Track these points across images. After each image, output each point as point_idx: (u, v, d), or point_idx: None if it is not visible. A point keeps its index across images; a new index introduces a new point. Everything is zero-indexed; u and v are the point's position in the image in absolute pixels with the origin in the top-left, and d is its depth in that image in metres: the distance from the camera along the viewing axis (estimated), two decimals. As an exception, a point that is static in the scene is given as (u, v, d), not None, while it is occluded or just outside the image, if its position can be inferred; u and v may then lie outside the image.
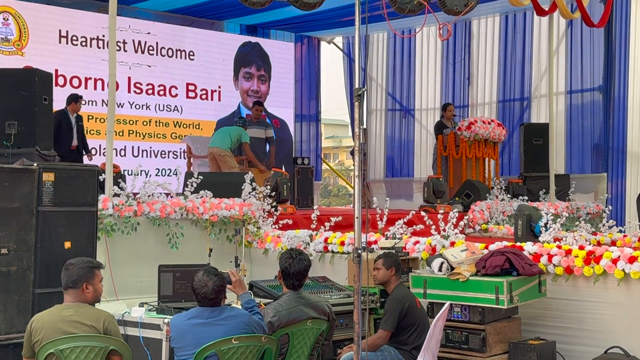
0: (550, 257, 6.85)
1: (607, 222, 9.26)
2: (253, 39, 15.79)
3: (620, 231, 9.22)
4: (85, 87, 13.11)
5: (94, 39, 13.22)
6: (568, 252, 6.79)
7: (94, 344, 4.56)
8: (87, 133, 11.81)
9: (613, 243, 8.61)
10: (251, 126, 12.37)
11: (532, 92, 14.78)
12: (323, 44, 17.55)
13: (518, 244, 7.35)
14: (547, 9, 11.40)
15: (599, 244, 8.33)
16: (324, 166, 19.57)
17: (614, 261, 6.46)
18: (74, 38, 13.06)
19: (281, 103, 16.15)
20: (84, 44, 13.14)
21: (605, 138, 13.54)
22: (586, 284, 6.63)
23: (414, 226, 8.38)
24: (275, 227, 9.08)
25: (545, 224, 8.09)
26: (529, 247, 7.08)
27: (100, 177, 7.26)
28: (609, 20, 13.04)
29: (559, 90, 13.95)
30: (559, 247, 6.94)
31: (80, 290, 4.69)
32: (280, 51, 16.21)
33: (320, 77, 17.65)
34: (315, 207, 9.49)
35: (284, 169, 12.01)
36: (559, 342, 6.60)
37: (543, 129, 12.81)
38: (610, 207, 11.89)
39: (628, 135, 13.24)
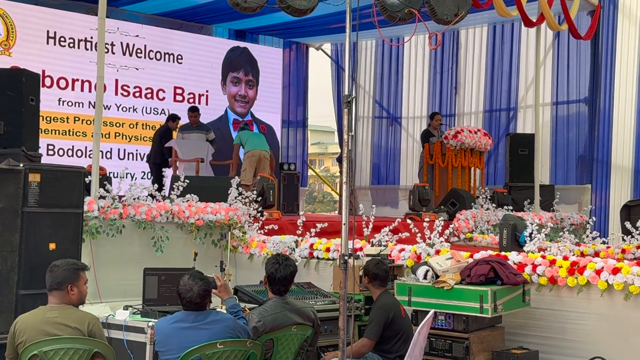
0: (534, 267, 6.88)
1: (590, 233, 9.31)
2: (241, 44, 15.80)
3: (604, 242, 9.27)
4: (72, 89, 13.06)
5: (82, 40, 13.18)
6: (552, 262, 6.83)
7: (77, 346, 4.54)
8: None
9: (596, 254, 8.67)
10: (192, 131, 12.41)
11: (518, 103, 14.87)
12: (311, 50, 17.58)
13: (503, 253, 7.39)
14: (534, 20, 11.47)
15: (582, 254, 8.39)
16: (310, 172, 19.57)
17: (598, 272, 6.50)
18: (62, 39, 13.02)
19: (268, 108, 16.16)
20: (71, 45, 13.10)
21: (590, 150, 13.63)
22: (569, 294, 6.67)
23: (400, 234, 8.40)
24: (260, 232, 9.08)
25: (530, 234, 8.13)
26: (513, 257, 7.11)
27: (86, 179, 7.23)
28: (596, 33, 13.16)
29: (545, 101, 14.05)
30: (543, 257, 6.98)
31: (65, 292, 4.68)
32: (269, 57, 16.23)
33: (308, 84, 17.68)
34: (301, 212, 9.49)
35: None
36: (542, 352, 6.63)
37: (529, 140, 12.89)
38: (594, 219, 11.97)
39: (612, 147, 13.35)
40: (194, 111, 12.72)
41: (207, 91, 15.06)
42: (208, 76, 15.09)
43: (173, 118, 12.90)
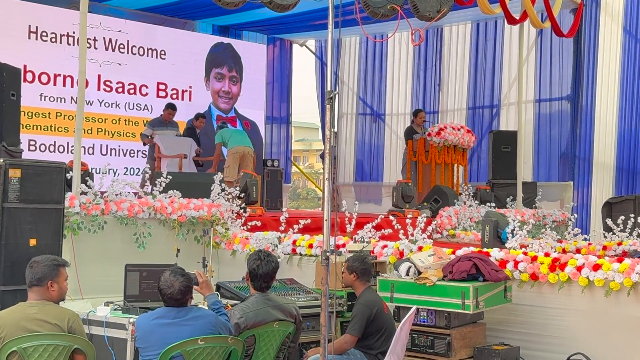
0: (516, 263, 6.91)
1: (572, 230, 9.36)
2: (225, 40, 15.76)
3: (585, 239, 9.33)
4: (54, 84, 12.99)
5: (64, 35, 13.11)
6: (534, 258, 6.86)
7: (57, 343, 4.51)
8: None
9: (578, 251, 8.71)
10: (166, 128, 12.29)
11: (501, 100, 14.92)
12: (295, 46, 17.56)
13: (485, 249, 7.41)
14: (517, 18, 11.51)
15: (564, 251, 8.43)
16: (294, 169, 19.57)
17: (579, 268, 6.54)
18: (44, 34, 12.94)
19: (252, 105, 16.13)
20: (53, 40, 13.02)
21: (572, 147, 13.71)
22: (551, 290, 6.71)
23: (383, 230, 8.41)
24: (243, 229, 9.06)
25: (512, 230, 8.16)
26: (495, 253, 7.14)
27: (67, 174, 7.19)
28: (578, 31, 13.22)
29: (528, 99, 14.11)
30: (525, 253, 7.00)
31: (45, 288, 4.64)
32: (253, 53, 16.20)
33: (292, 80, 17.67)
34: (284, 209, 9.48)
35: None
36: (523, 348, 6.66)
37: (511, 137, 12.93)
38: (575, 215, 12.03)
39: (594, 144, 13.44)
40: (174, 109, 12.60)
41: (190, 87, 15.02)
42: (191, 72, 15.05)
43: (196, 117, 13.15)
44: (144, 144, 12.34)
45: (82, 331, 4.72)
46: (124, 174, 13.15)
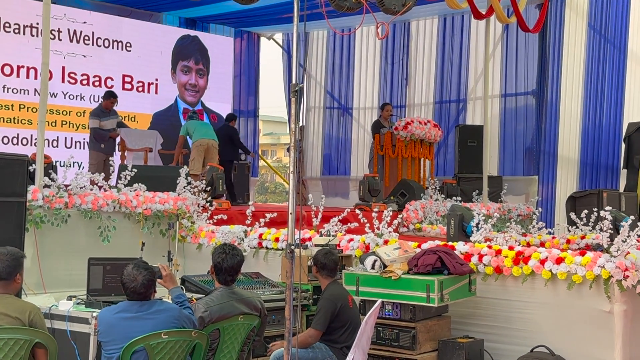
0: (480, 256, 6.95)
1: (537, 223, 9.45)
2: (192, 32, 15.66)
3: (550, 233, 9.41)
4: (18, 76, 12.82)
5: (27, 26, 12.93)
6: (498, 252, 6.90)
7: (18, 337, 4.46)
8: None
9: (542, 244, 8.78)
10: (109, 117, 11.81)
11: (467, 95, 15.01)
12: (263, 40, 17.51)
13: (450, 243, 7.44)
14: (484, 13, 11.57)
15: (528, 245, 8.49)
16: (261, 163, 19.53)
17: (542, 262, 6.59)
18: (7, 25, 12.75)
19: (219, 98, 16.05)
20: (17, 31, 12.84)
21: (537, 141, 13.84)
22: (515, 283, 6.76)
23: (349, 224, 8.41)
24: (209, 222, 9.02)
25: (477, 224, 8.21)
26: (460, 247, 7.17)
27: (30, 167, 7.10)
28: (544, 26, 13.34)
29: (494, 94, 14.22)
30: (490, 247, 7.05)
31: (12, 281, 4.64)
32: (220, 46, 16.11)
33: (260, 73, 17.63)
34: (250, 202, 9.45)
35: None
36: (487, 341, 6.71)
37: (477, 131, 13.02)
38: (540, 209, 12.17)
39: (559, 139, 13.59)
40: (115, 97, 12.22)
41: (156, 79, 14.90)
42: (158, 64, 14.93)
43: (232, 118, 13.98)
44: (110, 138, 12.05)
45: (44, 324, 4.67)
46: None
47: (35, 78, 12.80)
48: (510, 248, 6.95)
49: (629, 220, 7.00)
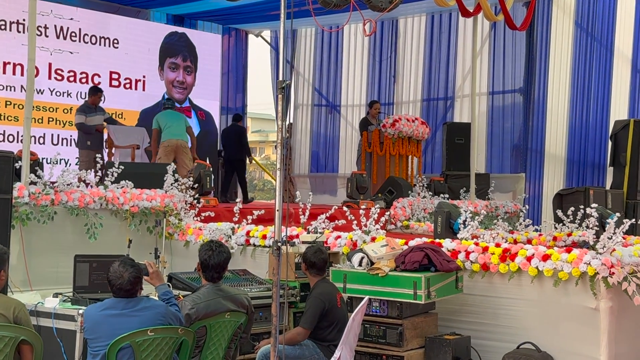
0: (467, 253, 6.97)
1: (524, 221, 9.48)
2: (180, 29, 15.61)
3: (536, 230, 9.44)
4: (4, 72, 12.75)
5: (13, 22, 12.85)
6: (485, 249, 6.92)
7: (3, 334, 4.43)
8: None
9: (529, 241, 8.81)
10: (96, 113, 11.63)
11: (455, 92, 15.04)
12: (251, 37, 17.48)
13: (437, 240, 7.46)
14: (471, 11, 11.58)
15: (515, 242, 8.52)
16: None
17: (528, 259, 6.62)
18: (-7, 21, 12.70)
19: (207, 95, 16.01)
20: (3, 27, 12.76)
21: (525, 139, 13.88)
22: (501, 280, 6.78)
23: (336, 221, 8.41)
24: (197, 220, 9.00)
25: (464, 221, 8.23)
26: (447, 244, 7.19)
27: (16, 164, 7.07)
28: (531, 24, 13.38)
29: (482, 91, 14.25)
30: (477, 244, 7.07)
31: None
32: (207, 43, 16.07)
33: (247, 71, 17.58)
34: (237, 200, 9.43)
35: (208, 162, 11.90)
36: (474, 337, 6.73)
37: (465, 129, 13.04)
38: (527, 207, 12.21)
39: (546, 136, 13.64)
40: (101, 92, 12.05)
41: (144, 76, 14.85)
42: (145, 61, 14.87)
43: (240, 118, 14.11)
44: (97, 131, 11.91)
45: (29, 321, 4.65)
46: (76, 164, 12.95)
47: (22, 74, 12.75)
48: (497, 245, 6.97)
49: (615, 218, 7.05)
